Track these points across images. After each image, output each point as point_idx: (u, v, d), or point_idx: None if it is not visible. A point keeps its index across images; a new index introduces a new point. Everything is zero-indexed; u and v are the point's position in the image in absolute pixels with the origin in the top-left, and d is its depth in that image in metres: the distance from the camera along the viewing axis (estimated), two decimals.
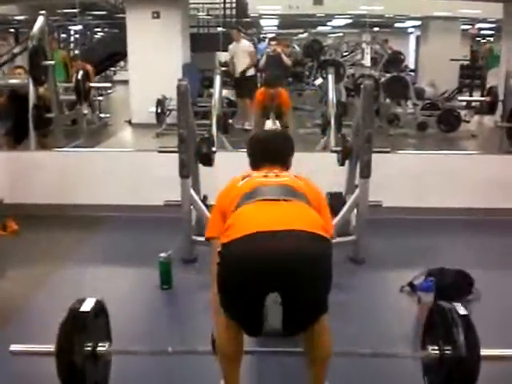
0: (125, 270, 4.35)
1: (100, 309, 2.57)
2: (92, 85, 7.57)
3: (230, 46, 9.77)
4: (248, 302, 2.25)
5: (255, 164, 2.80)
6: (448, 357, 2.32)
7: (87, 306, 2.46)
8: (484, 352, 2.29)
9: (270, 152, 2.79)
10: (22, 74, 6.31)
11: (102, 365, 2.53)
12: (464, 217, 5.22)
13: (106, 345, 2.52)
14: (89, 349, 2.41)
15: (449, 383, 2.32)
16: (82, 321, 2.41)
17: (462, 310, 2.39)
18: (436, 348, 2.42)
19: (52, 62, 6.28)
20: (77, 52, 9.73)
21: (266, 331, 2.88)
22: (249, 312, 2.29)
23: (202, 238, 4.31)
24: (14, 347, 2.54)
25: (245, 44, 9.70)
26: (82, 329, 2.40)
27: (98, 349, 2.47)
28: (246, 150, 2.91)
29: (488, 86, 9.87)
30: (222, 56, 11.12)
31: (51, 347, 2.35)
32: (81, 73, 6.99)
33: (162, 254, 3.95)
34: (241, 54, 9.44)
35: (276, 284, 2.20)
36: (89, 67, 9.18)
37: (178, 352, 2.83)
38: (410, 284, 3.86)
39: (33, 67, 5.89)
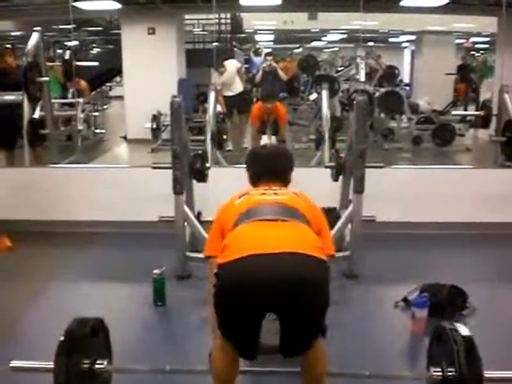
0: (118, 287, 4.33)
1: (99, 326, 2.55)
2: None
3: (215, 78, 9.48)
4: (244, 324, 2.23)
5: (254, 180, 2.79)
6: (451, 379, 2.30)
7: (86, 323, 2.45)
8: (487, 374, 2.28)
9: (270, 168, 2.78)
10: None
11: (100, 382, 2.51)
12: (458, 231, 5.22)
13: (105, 362, 2.51)
14: (86, 366, 2.40)
15: None
16: (80, 338, 2.39)
17: (464, 331, 2.37)
18: (439, 370, 2.40)
19: (47, 79, 6.30)
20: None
21: (261, 349, 2.88)
22: (245, 334, 2.27)
23: (195, 255, 4.34)
24: (14, 363, 2.53)
25: (232, 65, 9.29)
26: (80, 346, 2.38)
27: (96, 366, 2.45)
28: (245, 165, 2.89)
29: (482, 98, 9.96)
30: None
31: (50, 364, 2.34)
32: None
33: (156, 271, 3.94)
34: (232, 76, 9.17)
35: (272, 307, 2.19)
36: (83, 83, 9.23)
37: (176, 371, 2.82)
38: (404, 299, 3.85)
39: (28, 83, 5.89)
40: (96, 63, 11.66)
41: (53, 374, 2.30)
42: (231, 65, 9.25)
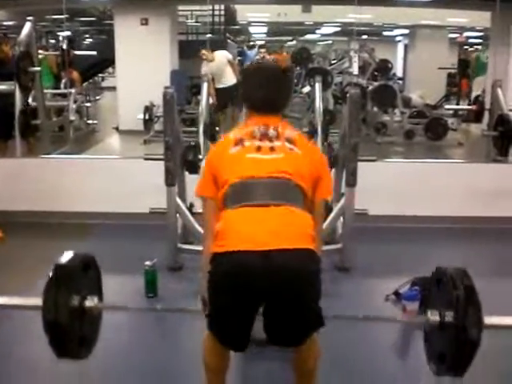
0: (110, 278, 4.25)
1: (89, 263, 2.43)
2: None
3: (203, 67, 9.16)
4: (237, 311, 2.21)
5: (250, 110, 2.54)
6: (449, 323, 2.21)
7: (77, 258, 2.34)
8: (487, 320, 2.19)
9: (269, 102, 2.47)
10: None
11: (90, 320, 2.39)
12: (450, 225, 5.25)
13: (95, 299, 2.40)
14: (76, 303, 2.28)
15: (450, 351, 2.25)
16: (70, 273, 2.28)
17: (464, 276, 2.27)
18: (436, 313, 2.30)
19: (39, 69, 6.26)
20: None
21: (254, 339, 2.87)
22: (236, 322, 2.25)
23: (187, 246, 4.35)
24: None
25: (222, 56, 9.16)
26: (70, 282, 2.27)
27: (87, 303, 2.34)
28: (241, 87, 2.61)
29: (474, 94, 9.98)
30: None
31: (39, 300, 2.24)
32: None
33: (148, 263, 3.94)
34: (222, 67, 9.05)
35: (265, 297, 2.19)
36: (75, 74, 9.19)
37: (167, 309, 2.80)
38: (396, 293, 3.87)
39: (20, 73, 5.86)
40: (94, 52, 11.58)
41: (41, 310, 2.22)
42: (221, 55, 9.13)
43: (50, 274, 2.23)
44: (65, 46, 9.48)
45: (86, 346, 2.39)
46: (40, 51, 8.17)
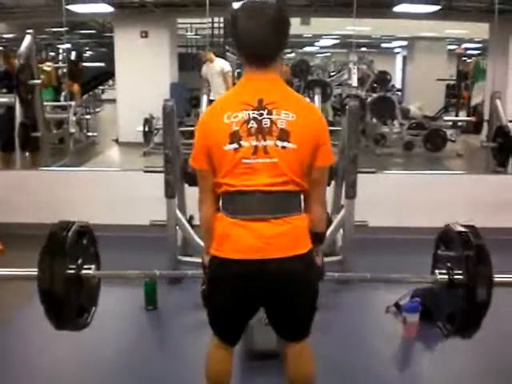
0: (109, 290, 4.28)
1: (85, 230, 2.45)
2: None
3: (203, 68, 9.23)
4: (235, 309, 2.28)
5: (243, 60, 2.27)
6: (458, 282, 2.20)
7: (71, 226, 2.35)
8: (497, 278, 2.19)
9: (262, 53, 2.21)
10: None
11: (87, 289, 2.40)
12: None
13: (93, 267, 2.41)
14: (73, 272, 2.28)
15: (459, 310, 2.21)
16: (65, 242, 2.28)
17: (474, 234, 2.27)
18: (445, 272, 2.30)
19: (38, 81, 6.28)
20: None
21: (253, 353, 2.88)
22: (233, 321, 2.34)
23: (187, 259, 4.34)
24: None
25: (218, 64, 9.10)
26: (66, 250, 2.26)
27: (83, 272, 2.35)
28: (230, 31, 2.30)
29: (473, 103, 9.98)
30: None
31: (34, 270, 2.25)
32: None
33: (154, 271, 3.92)
34: (215, 75, 9.05)
35: (261, 299, 2.26)
36: (75, 86, 9.22)
37: (165, 275, 2.77)
38: (396, 304, 3.86)
39: (20, 86, 5.88)
40: (102, 64, 11.62)
41: (37, 280, 2.21)
42: (216, 64, 9.08)
43: (44, 245, 2.23)
44: (73, 58, 9.50)
45: (84, 316, 2.37)
46: (48, 63, 8.23)
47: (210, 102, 8.68)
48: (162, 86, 9.37)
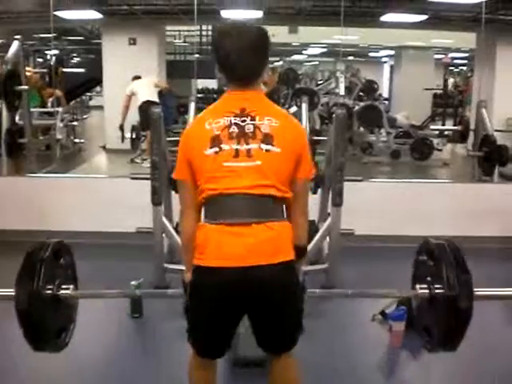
0: (94, 298, 4.29)
1: (62, 249, 2.42)
2: None
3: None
4: (220, 319, 2.25)
5: (227, 77, 2.27)
6: (439, 296, 2.19)
7: (48, 246, 2.30)
8: (477, 292, 2.19)
9: (244, 75, 2.24)
10: None
11: (65, 309, 2.37)
12: None
13: (71, 287, 2.37)
14: (50, 292, 2.25)
15: (441, 324, 2.20)
16: (41, 262, 2.23)
17: (452, 247, 2.26)
18: (425, 287, 2.28)
19: (26, 87, 6.26)
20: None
21: (237, 360, 2.87)
22: (217, 333, 2.29)
23: (174, 266, 4.32)
24: None
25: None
26: (42, 271, 2.22)
27: (61, 292, 2.31)
28: (213, 53, 2.29)
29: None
30: (199, 83, 11.18)
31: (11, 291, 2.20)
32: None
33: (133, 282, 3.91)
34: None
35: (245, 308, 2.23)
36: (59, 93, 9.16)
37: (146, 294, 2.76)
38: (382, 313, 3.87)
39: (7, 92, 5.85)
40: (82, 70, 11.60)
41: (14, 300, 2.17)
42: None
43: (21, 265, 2.20)
44: (52, 63, 9.47)
45: (62, 337, 2.35)
46: (28, 68, 8.17)
47: (199, 109, 8.70)
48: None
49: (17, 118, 6.36)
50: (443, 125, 12.00)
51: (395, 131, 9.86)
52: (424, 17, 9.28)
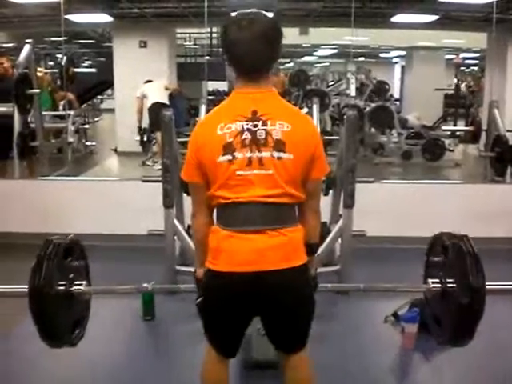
0: (107, 300, 4.27)
1: (75, 246, 2.46)
2: None
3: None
4: (230, 321, 2.27)
5: (236, 73, 2.22)
6: (451, 290, 2.20)
7: (60, 244, 2.35)
8: (489, 287, 2.20)
9: (255, 69, 2.19)
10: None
11: (78, 305, 2.41)
12: None
13: (84, 284, 2.42)
14: (63, 288, 2.29)
15: (452, 319, 2.22)
16: (54, 259, 2.28)
17: (464, 242, 2.27)
18: (437, 281, 2.31)
19: (37, 91, 6.29)
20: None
21: (251, 363, 2.86)
22: (229, 330, 2.31)
23: (185, 268, 4.33)
24: None
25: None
26: (55, 268, 2.27)
27: (74, 288, 2.36)
28: (222, 46, 2.24)
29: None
30: (209, 85, 11.18)
31: (25, 287, 2.24)
32: None
33: (145, 285, 3.91)
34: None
35: (258, 309, 2.24)
36: (71, 95, 9.19)
37: (158, 290, 2.77)
38: (394, 314, 3.85)
39: (18, 95, 5.89)
40: (93, 69, 11.62)
41: (28, 297, 2.21)
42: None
43: (35, 262, 2.24)
44: (64, 63, 9.47)
45: (77, 332, 2.36)
46: (39, 69, 8.19)
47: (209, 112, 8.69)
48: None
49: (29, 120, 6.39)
50: (455, 125, 11.94)
51: (406, 132, 9.83)
52: (435, 17, 9.25)
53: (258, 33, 2.11)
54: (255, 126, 2.14)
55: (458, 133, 9.82)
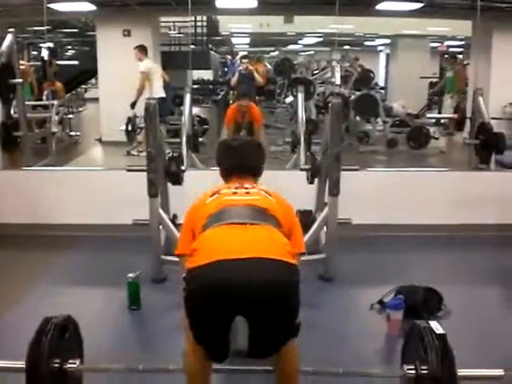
0: (93, 291, 4.29)
1: (70, 325, 2.52)
2: None
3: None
4: (214, 328, 2.25)
5: (226, 175, 2.78)
6: (425, 376, 2.30)
7: (57, 323, 2.41)
8: (460, 372, 2.28)
9: (242, 164, 2.76)
10: None
11: (72, 382, 2.47)
12: (433, 233, 5.26)
13: (77, 362, 2.48)
14: (58, 366, 2.37)
15: None
16: (50, 338, 2.35)
17: (438, 329, 2.37)
18: (412, 367, 2.40)
19: (20, 80, 6.22)
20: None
21: (234, 352, 2.85)
22: (215, 337, 2.28)
23: (170, 258, 4.32)
24: None
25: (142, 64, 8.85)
26: (51, 346, 2.34)
27: (68, 366, 2.43)
28: (216, 157, 2.88)
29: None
30: (194, 74, 11.12)
31: (22, 363, 2.31)
32: None
33: (131, 274, 3.91)
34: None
35: (242, 311, 2.22)
36: (58, 85, 9.12)
37: (149, 370, 2.81)
38: (380, 302, 3.87)
39: (0, 85, 5.82)
40: (76, 62, 11.52)
41: (25, 374, 2.28)
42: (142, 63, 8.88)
43: (32, 339, 2.33)
44: (46, 57, 9.38)
45: None
46: (22, 62, 8.12)
47: (194, 101, 8.66)
48: None
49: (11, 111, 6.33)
50: (439, 113, 11.97)
51: (391, 120, 9.84)
52: (419, 5, 9.23)
53: (245, 153, 2.80)
54: (242, 184, 2.64)
55: (442, 120, 9.85)
